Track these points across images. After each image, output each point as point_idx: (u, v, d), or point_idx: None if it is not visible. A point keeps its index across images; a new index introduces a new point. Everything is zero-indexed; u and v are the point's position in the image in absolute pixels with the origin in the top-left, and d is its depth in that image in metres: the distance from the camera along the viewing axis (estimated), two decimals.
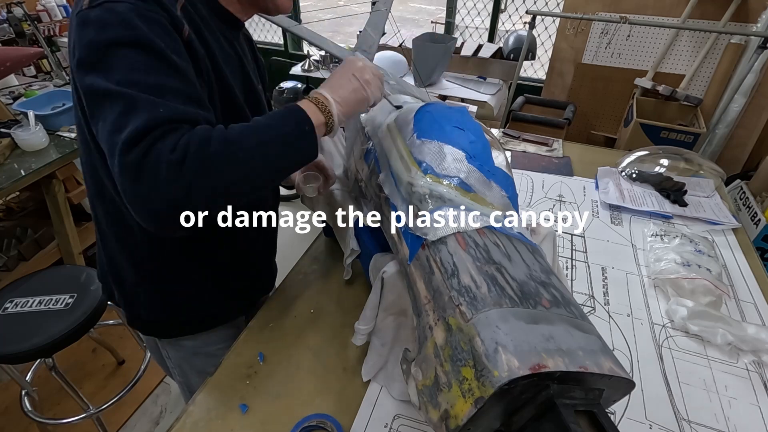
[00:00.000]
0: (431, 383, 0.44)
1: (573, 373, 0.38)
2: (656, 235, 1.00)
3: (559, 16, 2.30)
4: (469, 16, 3.00)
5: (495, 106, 2.36)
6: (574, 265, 0.96)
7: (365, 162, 0.75)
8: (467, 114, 0.67)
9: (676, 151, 1.30)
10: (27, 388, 1.42)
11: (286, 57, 3.45)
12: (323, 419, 0.63)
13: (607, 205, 1.16)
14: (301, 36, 0.94)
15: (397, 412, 0.66)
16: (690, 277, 0.85)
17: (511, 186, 0.62)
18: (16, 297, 1.25)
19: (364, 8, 3.07)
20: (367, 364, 0.69)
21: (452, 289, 0.46)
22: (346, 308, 0.84)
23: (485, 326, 0.41)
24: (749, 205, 1.76)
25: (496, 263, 0.47)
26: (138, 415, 1.57)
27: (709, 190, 1.20)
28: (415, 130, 0.63)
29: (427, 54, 2.35)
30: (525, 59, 2.25)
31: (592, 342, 0.43)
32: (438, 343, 0.45)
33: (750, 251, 1.02)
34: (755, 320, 0.83)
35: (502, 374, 0.37)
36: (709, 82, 2.27)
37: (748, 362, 0.75)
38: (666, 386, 0.71)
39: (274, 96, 2.85)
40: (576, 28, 2.41)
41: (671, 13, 2.21)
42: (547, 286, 0.47)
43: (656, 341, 0.79)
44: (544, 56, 2.73)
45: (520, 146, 1.47)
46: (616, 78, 2.45)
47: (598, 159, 1.37)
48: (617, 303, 0.87)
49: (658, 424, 0.65)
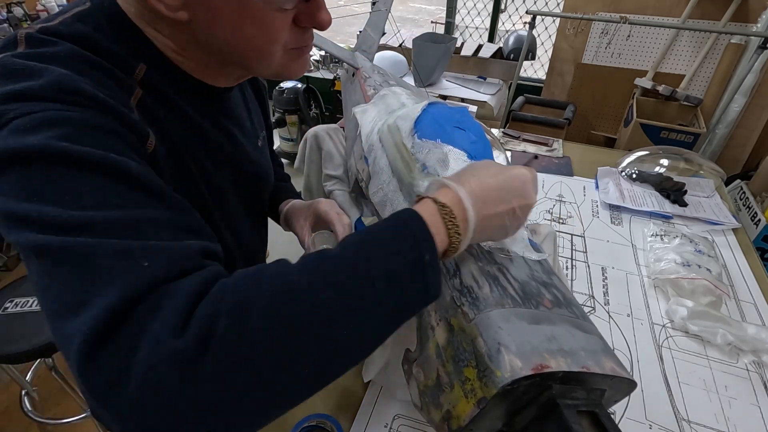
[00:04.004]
0: (433, 384, 0.44)
1: (575, 373, 0.38)
2: (656, 235, 1.00)
3: (559, 16, 2.30)
4: (469, 16, 3.00)
5: (495, 106, 2.36)
6: (574, 265, 0.96)
7: (365, 162, 0.75)
8: (468, 114, 0.67)
9: (676, 151, 1.30)
10: (27, 388, 1.42)
11: None
12: (323, 419, 0.63)
13: (607, 205, 1.16)
14: None
15: (397, 412, 0.66)
16: (690, 277, 0.85)
17: None
18: (16, 297, 1.24)
19: (364, 8, 3.07)
20: (368, 364, 0.69)
21: (454, 289, 0.46)
22: None
23: (487, 326, 0.41)
24: (749, 205, 1.76)
25: (498, 263, 0.47)
26: None
27: (709, 190, 1.20)
28: (416, 130, 0.62)
29: (427, 54, 2.35)
30: (525, 59, 2.25)
31: (593, 342, 0.43)
32: (440, 344, 0.45)
33: (750, 251, 1.02)
34: (755, 320, 0.83)
35: (504, 374, 0.37)
36: (709, 82, 2.27)
37: (748, 362, 0.75)
38: (666, 386, 0.71)
39: (274, 96, 2.85)
40: (576, 28, 2.41)
41: (671, 13, 2.21)
42: (549, 286, 0.47)
43: (656, 341, 0.79)
44: (544, 56, 2.74)
45: (520, 146, 1.47)
46: (616, 78, 2.45)
47: (598, 159, 1.37)
48: (617, 303, 0.87)
49: (658, 424, 0.65)
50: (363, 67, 0.91)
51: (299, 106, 2.82)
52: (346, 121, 0.93)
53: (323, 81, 2.74)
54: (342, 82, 1.03)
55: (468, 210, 0.40)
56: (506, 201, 0.42)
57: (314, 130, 1.02)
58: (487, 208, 0.41)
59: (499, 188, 0.42)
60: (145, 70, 0.44)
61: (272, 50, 0.44)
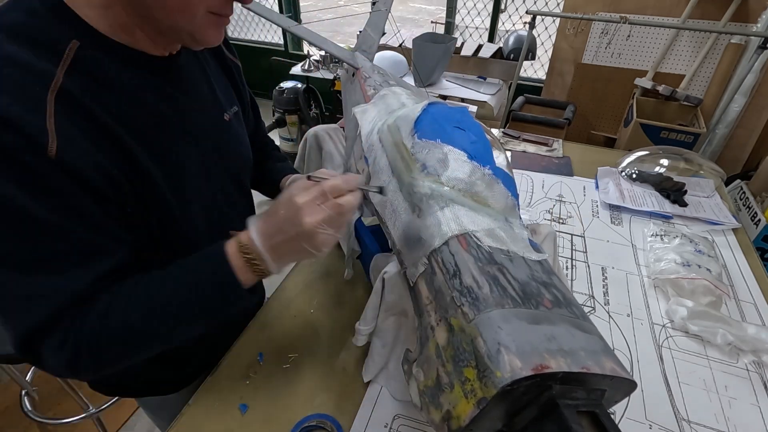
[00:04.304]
0: (433, 384, 0.44)
1: (575, 373, 0.38)
2: (656, 235, 1.00)
3: (559, 16, 2.30)
4: (469, 16, 3.00)
5: (495, 106, 2.36)
6: (574, 265, 0.96)
7: (365, 162, 0.75)
8: (468, 114, 0.67)
9: (676, 151, 1.30)
10: (27, 388, 1.42)
11: (286, 57, 3.45)
12: (323, 419, 0.63)
13: (607, 205, 1.16)
14: (301, 36, 0.94)
15: (397, 412, 0.66)
16: (690, 277, 0.85)
17: (512, 186, 0.62)
18: None
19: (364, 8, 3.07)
20: (368, 365, 0.69)
21: (454, 289, 0.46)
22: (346, 309, 0.84)
23: (487, 327, 0.41)
24: (749, 205, 1.76)
25: (498, 264, 0.47)
26: (138, 415, 1.57)
27: (709, 190, 1.20)
28: (416, 130, 0.62)
29: (427, 54, 2.35)
30: (525, 59, 2.25)
31: (593, 342, 0.43)
32: (440, 344, 0.45)
33: (750, 251, 1.02)
34: (755, 320, 0.83)
35: (504, 375, 0.37)
36: (709, 82, 2.27)
37: (748, 362, 0.75)
38: (666, 386, 0.71)
39: (274, 96, 2.85)
40: (576, 28, 2.41)
41: (671, 13, 2.21)
42: (549, 286, 0.47)
43: (656, 341, 0.79)
44: (544, 56, 2.74)
45: (520, 146, 1.47)
46: (616, 78, 2.45)
47: (598, 159, 1.37)
48: (617, 303, 0.87)
49: (658, 424, 0.65)
50: (363, 67, 0.91)
51: (299, 106, 2.82)
52: (346, 121, 0.93)
53: (323, 81, 2.74)
54: (342, 82, 1.03)
55: (257, 245, 0.49)
56: (285, 232, 0.49)
57: (314, 130, 1.02)
58: (273, 240, 0.49)
59: (280, 221, 0.49)
60: (77, 47, 0.45)
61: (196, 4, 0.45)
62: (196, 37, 0.49)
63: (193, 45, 0.51)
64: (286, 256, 0.51)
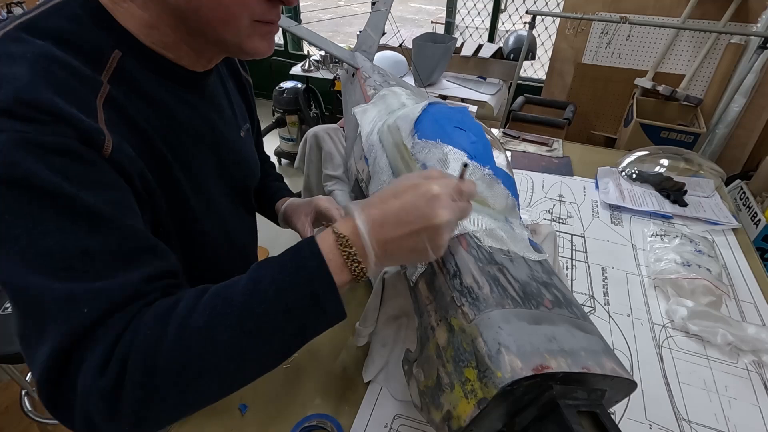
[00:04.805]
0: (433, 384, 0.44)
1: (575, 373, 0.38)
2: (656, 235, 1.00)
3: (559, 16, 2.30)
4: (469, 16, 3.00)
5: (495, 106, 2.36)
6: (574, 265, 0.96)
7: (365, 162, 0.75)
8: (468, 114, 0.67)
9: (676, 151, 1.30)
10: (27, 388, 1.42)
11: (286, 57, 3.45)
12: (323, 419, 0.63)
13: (607, 205, 1.16)
14: (301, 36, 0.94)
15: (397, 412, 0.65)
16: (690, 277, 0.85)
17: (512, 186, 0.62)
18: None
19: (364, 8, 3.07)
20: (368, 365, 0.69)
21: (454, 289, 0.46)
22: (346, 309, 0.84)
23: (488, 327, 0.41)
24: (749, 205, 1.76)
25: (498, 264, 0.47)
26: None
27: (709, 190, 1.20)
28: (416, 130, 0.62)
29: (427, 54, 2.35)
30: (525, 59, 2.25)
31: (594, 342, 0.43)
32: (440, 344, 0.45)
33: (750, 251, 1.02)
34: (755, 320, 0.83)
35: (505, 375, 0.37)
36: (709, 82, 2.27)
37: (748, 362, 0.75)
38: (666, 386, 0.71)
39: (274, 96, 2.85)
40: (576, 28, 2.41)
41: (671, 13, 2.21)
42: (549, 286, 0.47)
43: (656, 341, 0.79)
44: (544, 56, 2.74)
45: (520, 146, 1.47)
46: (616, 78, 2.45)
47: (598, 159, 1.37)
48: (617, 303, 0.87)
49: (658, 424, 0.65)
50: (363, 67, 0.91)
51: (299, 106, 2.82)
52: (346, 121, 0.93)
53: (323, 81, 2.74)
54: (342, 82, 1.03)
55: (363, 238, 0.39)
56: (406, 223, 0.39)
57: (314, 130, 1.02)
58: (386, 233, 0.40)
59: (401, 209, 0.40)
60: (120, 56, 0.45)
61: (239, 14, 0.44)
62: (244, 49, 0.47)
63: (242, 56, 0.50)
64: (395, 256, 0.41)
